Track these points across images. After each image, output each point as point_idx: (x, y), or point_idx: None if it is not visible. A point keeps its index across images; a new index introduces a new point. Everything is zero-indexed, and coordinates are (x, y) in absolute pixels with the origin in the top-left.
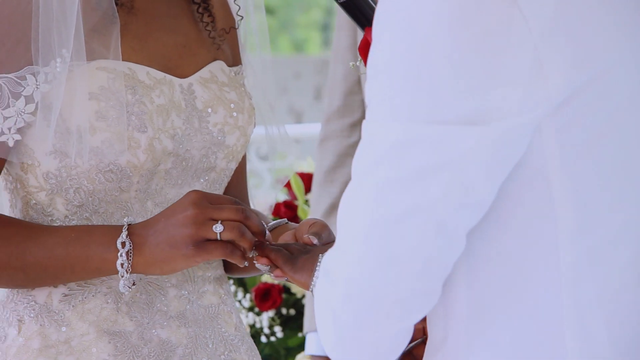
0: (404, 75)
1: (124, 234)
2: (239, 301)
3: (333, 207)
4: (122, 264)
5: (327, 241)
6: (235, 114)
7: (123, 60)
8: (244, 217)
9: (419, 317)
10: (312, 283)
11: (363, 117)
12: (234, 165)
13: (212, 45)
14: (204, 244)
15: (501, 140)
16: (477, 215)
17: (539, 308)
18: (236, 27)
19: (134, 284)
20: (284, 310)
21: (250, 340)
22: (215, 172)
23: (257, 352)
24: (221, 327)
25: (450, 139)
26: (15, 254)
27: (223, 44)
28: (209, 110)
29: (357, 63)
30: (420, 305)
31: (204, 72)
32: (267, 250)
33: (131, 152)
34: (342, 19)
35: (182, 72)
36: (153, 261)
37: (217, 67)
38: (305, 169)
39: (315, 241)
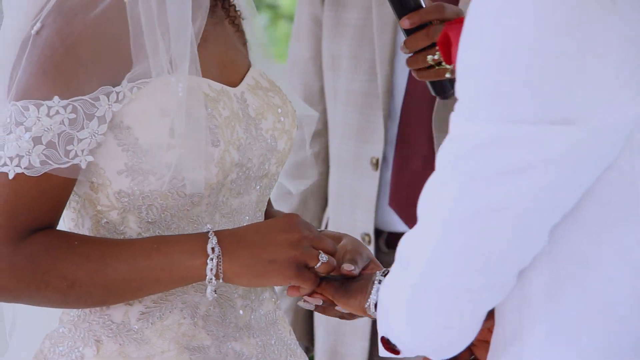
0: (500, 75)
1: (214, 239)
2: None
3: None
4: (211, 269)
5: (367, 261)
6: (282, 118)
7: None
8: (335, 251)
9: (490, 307)
10: (367, 303)
11: (324, 128)
12: (280, 170)
13: (242, 50)
14: (303, 269)
15: (590, 142)
16: (559, 214)
17: (617, 310)
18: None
19: (215, 291)
20: None
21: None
22: (267, 178)
23: (306, 356)
24: (281, 332)
25: (539, 139)
26: (96, 271)
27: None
28: (260, 117)
29: (435, 57)
30: (491, 297)
31: (249, 80)
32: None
33: (204, 166)
34: (300, 30)
35: (232, 81)
36: (245, 272)
37: (257, 73)
38: None
39: (353, 269)
